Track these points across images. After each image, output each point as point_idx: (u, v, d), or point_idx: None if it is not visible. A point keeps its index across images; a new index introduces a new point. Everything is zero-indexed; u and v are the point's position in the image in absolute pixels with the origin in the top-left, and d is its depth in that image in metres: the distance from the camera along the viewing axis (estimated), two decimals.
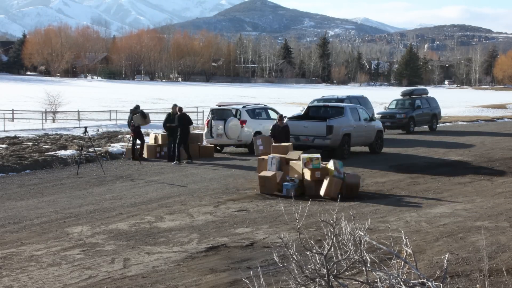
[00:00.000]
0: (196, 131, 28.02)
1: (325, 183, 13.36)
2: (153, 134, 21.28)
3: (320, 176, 13.56)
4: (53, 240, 9.85)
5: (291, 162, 14.10)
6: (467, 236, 9.71)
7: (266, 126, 21.24)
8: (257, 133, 21.07)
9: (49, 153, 20.02)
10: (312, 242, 6.67)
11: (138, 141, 19.86)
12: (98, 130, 27.82)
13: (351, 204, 12.39)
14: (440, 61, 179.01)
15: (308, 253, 5.95)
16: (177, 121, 19.12)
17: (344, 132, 19.61)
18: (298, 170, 13.86)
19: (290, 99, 65.31)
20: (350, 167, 16.81)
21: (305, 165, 13.71)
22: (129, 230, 10.47)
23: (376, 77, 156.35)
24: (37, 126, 30.73)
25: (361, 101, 26.97)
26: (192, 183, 15.37)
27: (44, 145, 21.98)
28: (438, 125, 32.49)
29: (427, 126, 31.56)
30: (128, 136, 23.84)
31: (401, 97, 32.56)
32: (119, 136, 25.43)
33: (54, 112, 36.69)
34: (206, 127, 22.38)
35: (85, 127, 18.91)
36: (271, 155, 14.47)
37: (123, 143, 22.99)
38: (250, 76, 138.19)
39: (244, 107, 22.22)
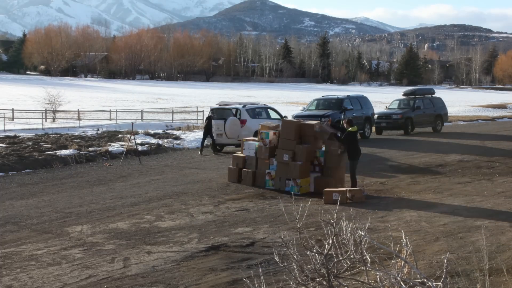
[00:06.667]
0: (197, 131, 28.03)
1: None
2: None
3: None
4: (53, 240, 9.84)
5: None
6: (467, 236, 9.70)
7: None
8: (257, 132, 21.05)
9: (49, 152, 20.03)
10: (312, 241, 6.66)
11: None
12: (98, 130, 27.82)
13: (351, 204, 12.39)
14: (440, 60, 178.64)
15: (309, 252, 5.95)
16: None
17: None
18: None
19: (290, 99, 65.31)
20: None
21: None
22: (129, 230, 10.46)
23: (376, 76, 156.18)
24: (37, 126, 30.72)
25: (361, 101, 26.96)
26: (192, 182, 15.36)
27: (44, 144, 21.98)
28: (443, 126, 30.85)
29: (430, 127, 30.25)
30: (129, 135, 23.81)
31: (403, 97, 31.57)
32: (119, 135, 25.42)
33: (54, 112, 36.71)
34: None
35: (133, 134, 20.78)
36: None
37: (123, 143, 22.99)
38: (250, 75, 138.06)
39: (244, 106, 22.21)
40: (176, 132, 27.52)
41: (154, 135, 25.94)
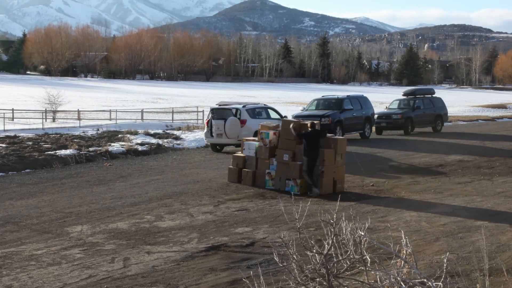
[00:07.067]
0: (197, 131, 28.03)
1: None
2: None
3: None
4: (53, 240, 9.84)
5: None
6: (467, 235, 9.70)
7: None
8: (257, 132, 21.06)
9: (49, 152, 20.02)
10: (312, 241, 6.67)
11: None
12: (98, 130, 27.81)
13: (351, 204, 12.40)
14: (440, 60, 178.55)
15: (308, 252, 5.95)
16: None
17: None
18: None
19: (290, 99, 65.31)
20: (351, 167, 16.80)
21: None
22: (129, 230, 10.46)
23: (376, 76, 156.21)
24: (37, 126, 30.72)
25: (361, 101, 26.97)
26: (192, 182, 15.36)
27: (44, 144, 21.98)
28: (443, 126, 31.04)
29: (430, 127, 30.30)
30: (128, 135, 23.81)
31: (403, 97, 31.54)
32: (119, 135, 25.42)
33: (54, 112, 36.73)
34: (206, 126, 22.38)
35: None
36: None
37: (123, 143, 22.98)
38: (250, 75, 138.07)
39: (244, 106, 22.20)
40: (176, 132, 27.51)
41: (154, 135, 25.94)
